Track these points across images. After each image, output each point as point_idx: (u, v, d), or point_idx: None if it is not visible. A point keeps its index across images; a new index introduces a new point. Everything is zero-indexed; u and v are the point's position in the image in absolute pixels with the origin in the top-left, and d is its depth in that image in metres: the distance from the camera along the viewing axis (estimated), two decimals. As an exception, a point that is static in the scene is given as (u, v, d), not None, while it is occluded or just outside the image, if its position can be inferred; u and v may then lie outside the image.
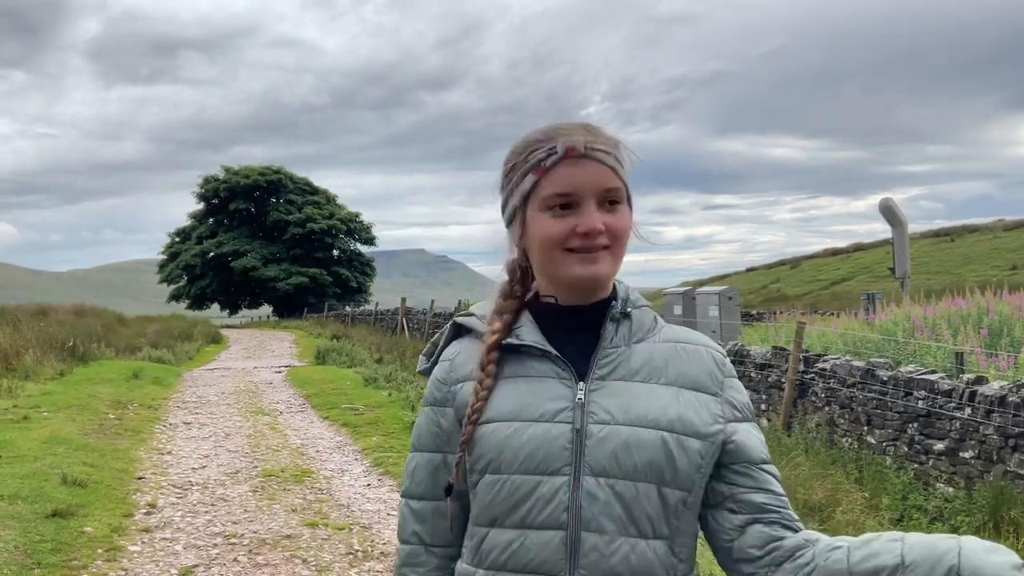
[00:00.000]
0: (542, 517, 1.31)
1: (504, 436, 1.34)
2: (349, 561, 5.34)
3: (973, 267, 35.05)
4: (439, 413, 1.45)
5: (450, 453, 1.43)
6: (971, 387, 7.61)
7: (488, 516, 1.35)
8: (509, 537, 1.33)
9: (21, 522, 5.65)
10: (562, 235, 1.35)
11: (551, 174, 1.36)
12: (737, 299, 17.56)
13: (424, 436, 1.47)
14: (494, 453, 1.34)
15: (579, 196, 1.35)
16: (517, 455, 1.32)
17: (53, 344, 15.71)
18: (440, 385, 1.46)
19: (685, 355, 1.42)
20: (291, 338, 29.90)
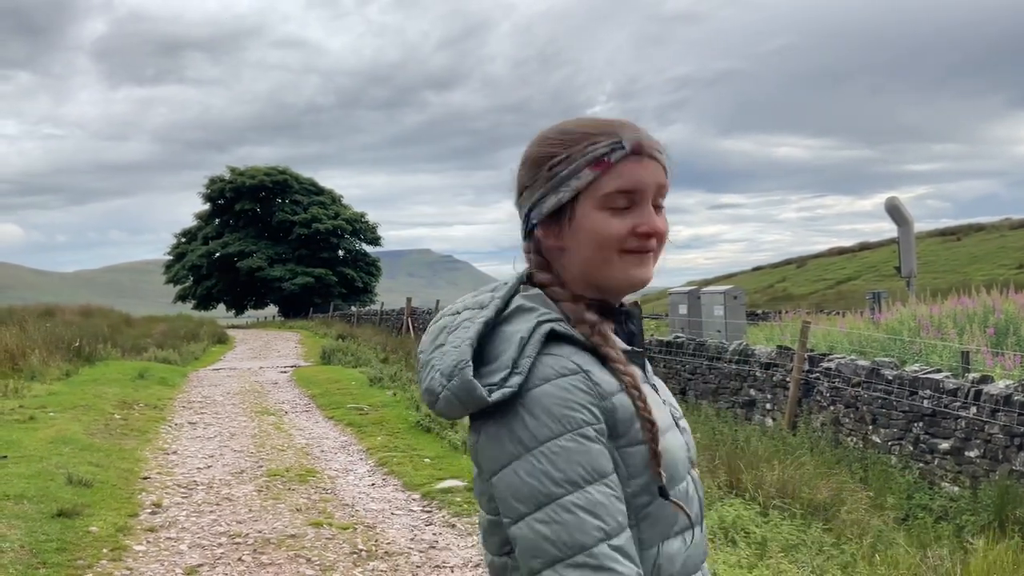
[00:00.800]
0: (693, 516, 1.34)
1: (672, 447, 1.31)
2: (353, 560, 5.35)
3: (979, 266, 34.97)
4: (599, 432, 1.22)
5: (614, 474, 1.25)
6: (977, 386, 7.59)
7: (663, 532, 1.28)
8: (678, 545, 1.31)
9: (27, 522, 5.67)
10: (623, 234, 1.28)
11: (615, 169, 1.28)
12: (742, 298, 17.54)
13: (598, 459, 1.19)
14: (674, 468, 1.30)
15: (641, 195, 1.30)
16: (681, 462, 1.33)
17: (59, 345, 15.75)
18: (593, 400, 1.22)
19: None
20: (296, 338, 29.93)
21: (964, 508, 7.04)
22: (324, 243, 52.25)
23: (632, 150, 1.29)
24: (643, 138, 1.30)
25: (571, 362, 1.24)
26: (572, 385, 1.21)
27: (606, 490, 1.18)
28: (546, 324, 1.26)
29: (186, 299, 53.70)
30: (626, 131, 1.31)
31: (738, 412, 11.10)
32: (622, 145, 1.29)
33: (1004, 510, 6.58)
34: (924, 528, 6.73)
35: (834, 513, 6.46)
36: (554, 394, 1.20)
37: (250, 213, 52.65)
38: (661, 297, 32.84)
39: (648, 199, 1.30)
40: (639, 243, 1.29)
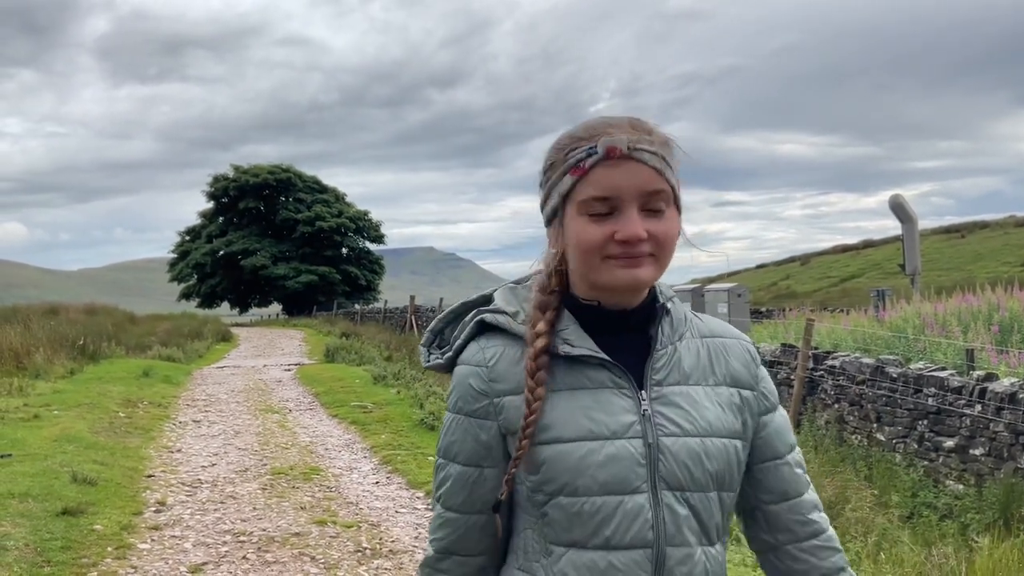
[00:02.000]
0: (629, 537, 1.27)
1: (579, 457, 1.27)
2: (358, 559, 5.35)
3: (984, 263, 34.90)
4: (478, 426, 1.34)
5: (487, 467, 1.35)
6: (981, 384, 7.58)
7: (567, 538, 1.29)
8: (592, 558, 1.27)
9: (31, 520, 5.67)
10: (600, 242, 1.26)
11: (590, 175, 1.27)
12: (746, 296, 17.54)
13: (459, 447, 1.36)
14: (570, 476, 1.27)
15: (620, 200, 1.26)
16: (596, 477, 1.26)
17: (64, 343, 15.77)
18: (479, 396, 1.33)
19: (725, 351, 1.41)
20: (300, 336, 29.96)
21: (969, 506, 7.02)
22: (328, 241, 52.28)
23: (605, 155, 1.25)
24: (619, 141, 1.25)
25: (484, 354, 1.35)
26: (469, 374, 1.35)
27: (450, 467, 1.38)
28: (481, 314, 1.38)
29: (190, 297, 53.76)
30: (610, 134, 1.27)
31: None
32: (596, 150, 1.26)
33: (1009, 508, 6.57)
34: (929, 526, 6.73)
35: (839, 511, 6.45)
36: (459, 375, 1.37)
37: (254, 211, 52.69)
38: (665, 295, 32.79)
39: (630, 203, 1.26)
40: (621, 249, 1.26)
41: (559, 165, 1.30)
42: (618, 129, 1.28)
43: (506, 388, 1.32)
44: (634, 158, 1.26)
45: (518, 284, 1.43)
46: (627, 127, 1.28)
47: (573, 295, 1.36)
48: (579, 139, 1.29)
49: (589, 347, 1.31)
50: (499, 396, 1.32)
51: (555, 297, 1.34)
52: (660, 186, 1.27)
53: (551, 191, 1.32)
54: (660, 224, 1.28)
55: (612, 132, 1.27)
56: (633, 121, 1.30)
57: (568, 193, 1.29)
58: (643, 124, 1.30)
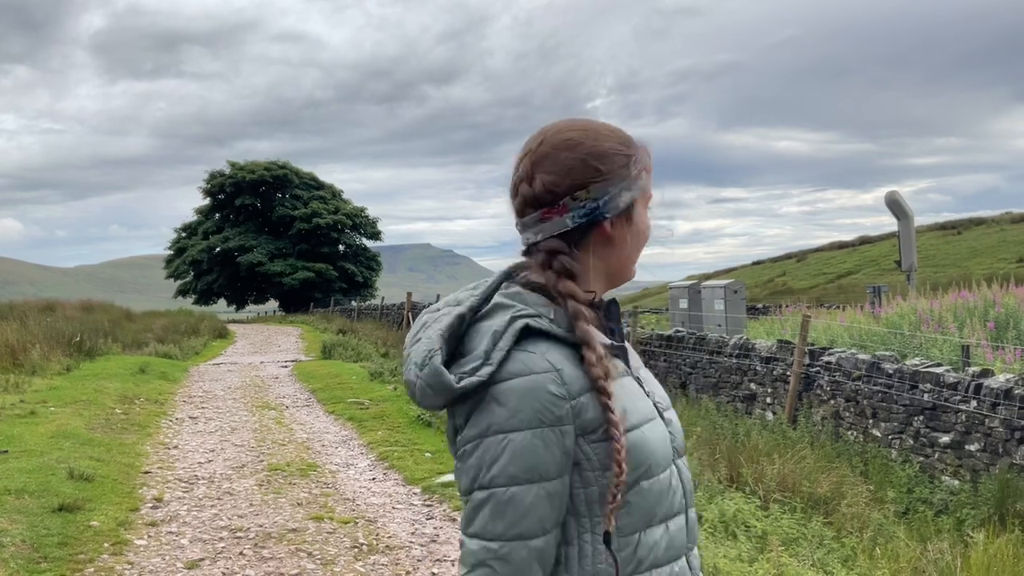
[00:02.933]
0: (676, 505, 1.40)
1: (651, 439, 1.36)
2: (354, 555, 5.36)
3: (980, 260, 34.95)
4: (562, 433, 1.27)
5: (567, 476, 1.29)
6: (977, 380, 7.60)
7: (643, 521, 1.34)
8: (661, 532, 1.36)
9: (28, 516, 5.67)
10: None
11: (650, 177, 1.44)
12: (743, 292, 17.55)
13: (546, 464, 1.26)
14: (650, 458, 1.34)
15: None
16: (661, 453, 1.37)
17: (60, 339, 15.75)
18: (560, 401, 1.26)
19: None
20: (297, 333, 29.94)
21: (964, 502, 7.04)
22: (324, 238, 52.25)
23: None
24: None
25: (545, 360, 1.28)
26: (545, 381, 1.26)
27: (540, 492, 1.26)
28: (521, 319, 1.30)
29: (186, 294, 53.72)
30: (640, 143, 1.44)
31: (738, 406, 11.10)
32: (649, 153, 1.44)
33: (1004, 504, 6.59)
34: (924, 522, 6.74)
35: (834, 507, 6.47)
36: (527, 386, 1.26)
37: (250, 208, 52.65)
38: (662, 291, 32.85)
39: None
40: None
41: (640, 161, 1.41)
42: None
43: (579, 389, 1.29)
44: None
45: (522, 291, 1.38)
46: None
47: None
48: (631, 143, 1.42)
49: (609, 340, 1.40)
50: (575, 397, 1.28)
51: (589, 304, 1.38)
52: None
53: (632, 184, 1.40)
54: None
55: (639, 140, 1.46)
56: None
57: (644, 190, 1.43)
58: None
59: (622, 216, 1.39)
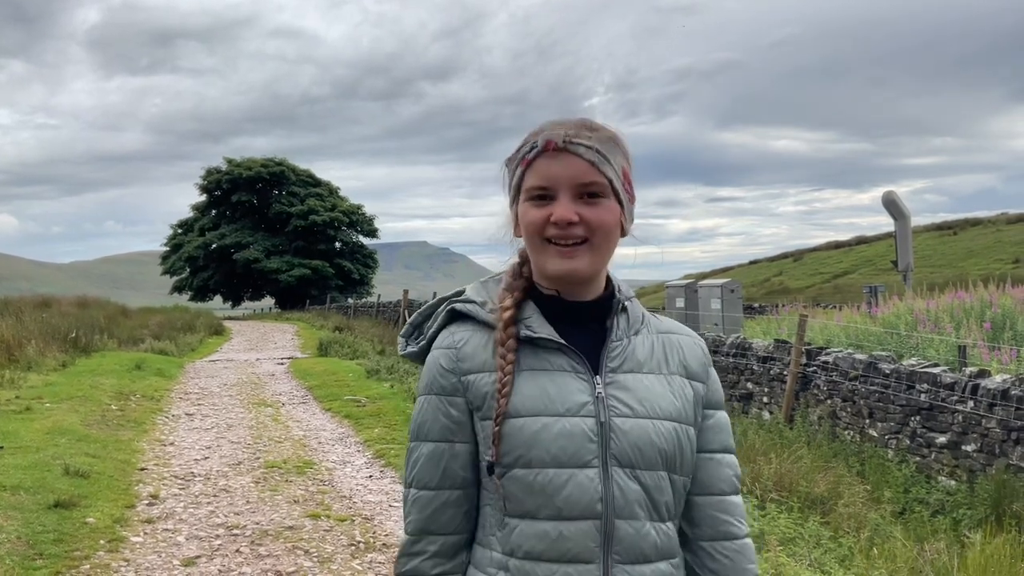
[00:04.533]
0: (579, 508, 1.36)
1: (534, 431, 1.36)
2: (351, 552, 5.35)
3: (976, 260, 35.00)
4: (448, 403, 1.44)
5: (458, 442, 1.44)
6: (973, 380, 7.60)
7: (520, 509, 1.38)
8: (545, 529, 1.36)
9: (23, 513, 5.66)
10: (539, 223, 1.40)
11: (533, 166, 1.42)
12: (739, 292, 17.56)
13: (430, 425, 1.45)
14: (524, 448, 1.36)
15: (555, 188, 1.40)
16: (549, 449, 1.36)
17: (56, 335, 15.72)
18: (448, 374, 1.44)
19: (680, 346, 1.52)
20: (293, 330, 29.91)
21: (961, 502, 7.05)
22: (321, 235, 52.16)
23: (543, 148, 1.40)
24: (556, 135, 1.40)
25: (451, 338, 1.46)
26: (439, 356, 1.46)
27: (422, 447, 1.46)
28: (451, 303, 1.50)
29: (182, 290, 53.61)
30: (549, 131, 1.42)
31: (735, 405, 11.10)
32: (536, 143, 1.41)
33: (1001, 504, 6.59)
34: (921, 522, 6.75)
35: (831, 506, 6.47)
36: (429, 359, 1.47)
37: (247, 204, 52.54)
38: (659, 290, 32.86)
39: (565, 192, 1.40)
40: (558, 232, 1.39)
41: (515, 159, 1.45)
42: (563, 127, 1.42)
43: (472, 367, 1.43)
44: (569, 151, 1.40)
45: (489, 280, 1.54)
46: (573, 125, 1.42)
47: (537, 286, 1.47)
48: (533, 134, 1.44)
49: (548, 333, 1.42)
50: (466, 374, 1.43)
51: (523, 282, 1.47)
52: (593, 178, 1.40)
53: (509, 184, 1.48)
54: (594, 212, 1.40)
55: (557, 129, 1.41)
56: (582, 120, 1.44)
57: (519, 183, 1.44)
58: (590, 123, 1.44)
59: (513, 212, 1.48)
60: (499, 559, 1.40)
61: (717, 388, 1.54)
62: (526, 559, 1.37)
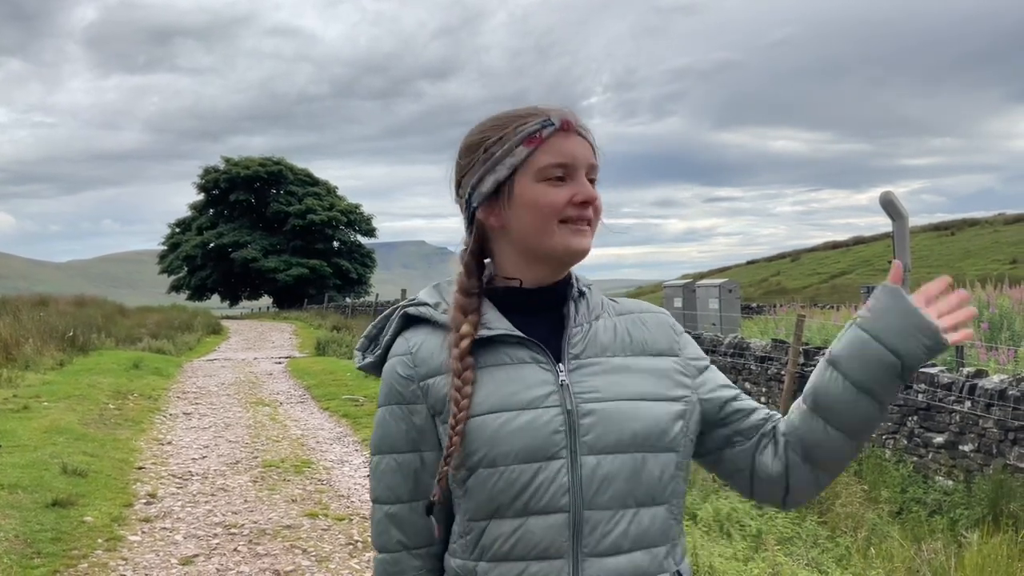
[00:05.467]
0: (544, 502, 1.30)
1: (495, 428, 1.31)
2: (349, 551, 5.35)
3: (973, 261, 35.04)
4: (409, 411, 1.39)
5: (426, 451, 1.39)
6: (971, 380, 7.61)
7: (487, 509, 1.33)
8: (511, 526, 1.31)
9: (21, 511, 5.65)
10: (561, 203, 1.35)
11: (547, 144, 1.36)
12: (737, 292, 17.56)
13: (394, 436, 1.40)
14: (487, 447, 1.31)
15: (574, 167, 1.36)
16: (512, 445, 1.30)
17: (53, 334, 15.71)
18: (406, 382, 1.39)
19: (643, 324, 1.46)
20: (291, 329, 29.91)
21: (958, 502, 7.05)
22: (319, 234, 52.15)
23: (561, 126, 1.36)
24: (570, 115, 1.38)
25: (405, 344, 1.41)
26: (395, 364, 1.41)
27: (388, 459, 1.41)
28: (403, 309, 1.45)
29: (180, 289, 53.59)
30: (551, 111, 1.38)
31: (733, 405, 11.11)
32: (551, 122, 1.36)
33: (998, 504, 6.60)
34: (918, 522, 6.75)
35: (829, 506, 6.47)
36: (386, 370, 1.42)
37: (245, 204, 52.52)
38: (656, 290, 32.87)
39: (581, 171, 1.37)
40: (577, 212, 1.36)
41: (509, 138, 1.36)
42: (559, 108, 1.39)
43: (429, 371, 1.38)
44: (579, 133, 1.38)
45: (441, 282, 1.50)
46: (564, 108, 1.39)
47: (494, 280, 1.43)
48: (521, 117, 1.38)
49: (505, 327, 1.37)
50: (423, 379, 1.38)
51: (475, 299, 1.40)
52: (597, 161, 1.40)
53: (496, 164, 1.37)
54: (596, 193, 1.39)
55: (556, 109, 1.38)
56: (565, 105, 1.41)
57: (521, 164, 1.36)
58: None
59: (496, 198, 1.39)
60: (463, 565, 1.36)
61: (696, 353, 1.47)
62: (493, 560, 1.32)
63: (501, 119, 1.39)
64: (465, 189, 1.42)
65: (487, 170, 1.38)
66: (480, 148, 1.39)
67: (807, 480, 1.43)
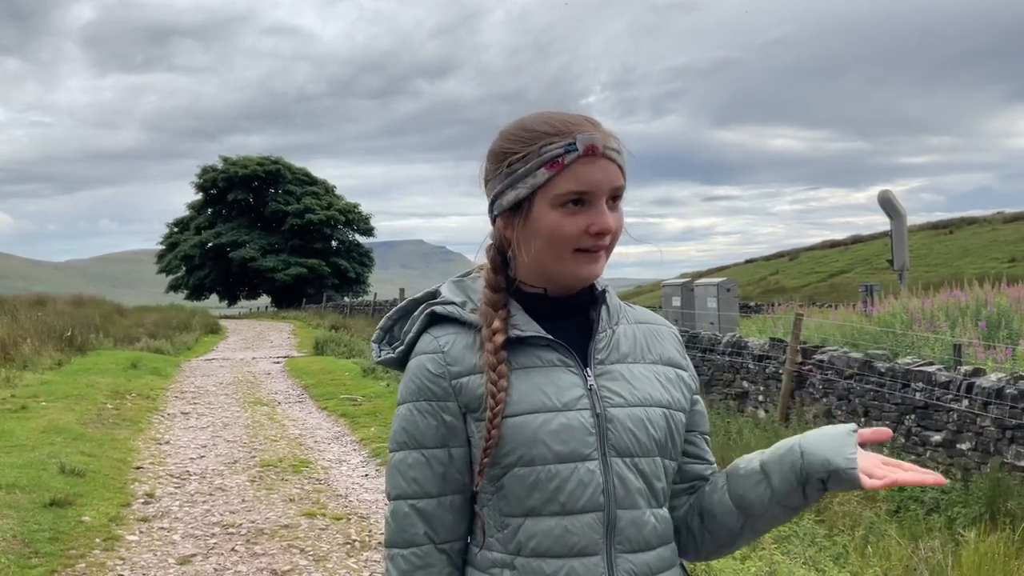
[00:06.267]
0: (582, 502, 1.35)
1: (534, 428, 1.34)
2: (347, 551, 5.35)
3: (971, 259, 35.05)
4: (440, 408, 1.39)
5: (454, 447, 1.40)
6: (969, 379, 7.62)
7: (523, 507, 1.36)
8: (550, 524, 1.35)
9: (19, 511, 5.65)
10: (576, 234, 1.35)
11: (569, 171, 1.34)
12: (735, 291, 17.57)
13: (423, 432, 1.40)
14: (525, 447, 1.34)
15: (593, 195, 1.35)
16: (551, 446, 1.34)
17: (51, 334, 15.70)
18: (438, 379, 1.39)
19: (658, 335, 1.52)
20: (289, 329, 29.90)
21: (955, 500, 7.06)
22: (317, 234, 52.12)
23: (585, 152, 1.34)
24: (597, 140, 1.34)
25: (435, 342, 1.41)
26: (425, 361, 1.40)
27: (415, 455, 1.40)
28: (430, 307, 1.44)
29: (178, 289, 53.55)
30: (582, 131, 1.35)
31: (731, 404, 11.12)
32: (575, 147, 1.34)
33: (995, 502, 6.61)
34: (916, 520, 6.76)
35: (826, 504, 6.48)
36: (414, 365, 1.41)
37: (243, 203, 52.49)
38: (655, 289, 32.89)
39: (602, 198, 1.36)
40: (592, 242, 1.36)
41: (532, 158, 1.35)
42: (583, 127, 1.36)
43: (462, 370, 1.39)
44: (607, 156, 1.35)
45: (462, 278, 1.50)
46: (589, 124, 1.37)
47: (518, 284, 1.43)
48: (549, 135, 1.36)
49: (535, 330, 1.40)
50: (456, 377, 1.38)
51: (503, 295, 1.42)
52: (623, 182, 1.38)
53: (517, 182, 1.37)
54: (617, 218, 1.38)
55: (582, 130, 1.35)
56: (589, 118, 1.39)
57: (541, 186, 1.35)
58: (598, 122, 1.39)
59: (514, 214, 1.39)
60: (502, 558, 1.38)
61: (694, 375, 1.55)
62: (532, 556, 1.35)
63: (529, 132, 1.38)
64: (489, 194, 1.43)
65: (508, 185, 1.38)
66: (504, 161, 1.39)
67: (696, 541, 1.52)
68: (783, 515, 1.44)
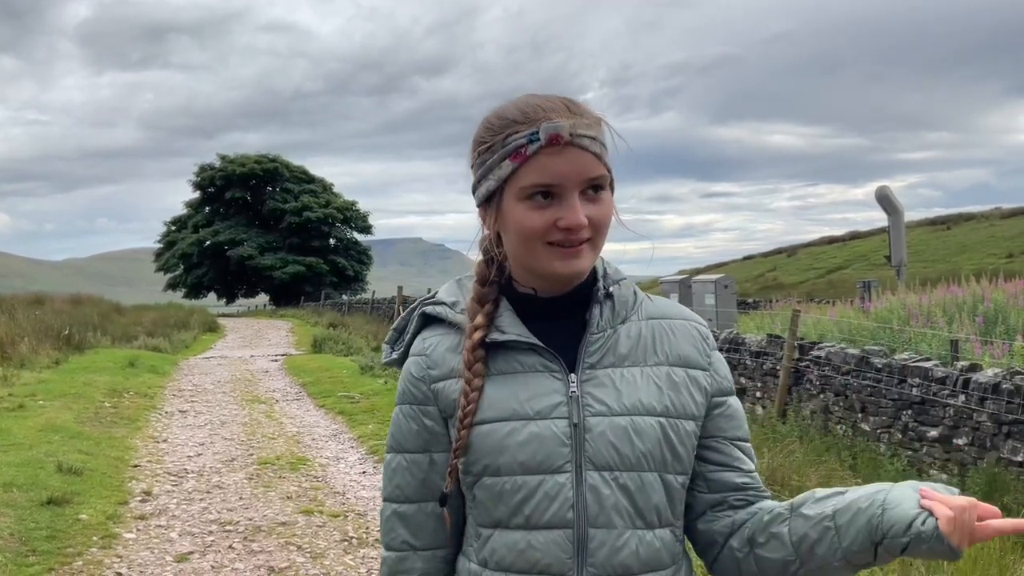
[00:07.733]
0: (547, 516, 1.26)
1: (501, 437, 1.27)
2: (344, 548, 5.36)
3: (969, 255, 35.09)
4: (421, 412, 1.35)
5: (436, 452, 1.35)
6: (965, 374, 7.63)
7: (491, 518, 1.30)
8: (515, 539, 1.28)
9: (16, 509, 5.65)
10: (542, 228, 1.25)
11: (531, 162, 1.24)
12: (733, 287, 17.59)
13: (405, 436, 1.37)
14: (492, 456, 1.27)
15: (562, 187, 1.24)
16: (516, 456, 1.26)
17: (49, 333, 15.69)
18: (418, 383, 1.35)
19: (671, 331, 1.37)
20: (288, 327, 29.90)
21: (952, 495, 7.09)
22: (315, 232, 52.12)
23: (548, 141, 1.23)
24: (562, 128, 1.23)
25: (423, 344, 1.38)
26: (410, 364, 1.38)
27: (399, 458, 1.37)
28: (422, 307, 1.41)
29: (176, 287, 53.56)
30: (550, 118, 1.24)
31: (728, 400, 11.13)
32: (537, 136, 1.23)
33: (992, 497, 6.62)
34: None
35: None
36: (403, 369, 1.39)
37: (240, 201, 52.48)
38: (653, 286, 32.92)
39: (572, 190, 1.24)
40: (563, 236, 1.25)
41: (497, 148, 1.27)
42: (555, 112, 1.25)
43: (440, 374, 1.34)
44: (575, 144, 1.23)
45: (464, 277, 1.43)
46: (564, 110, 1.26)
47: (511, 283, 1.35)
48: (516, 123, 1.26)
49: (518, 332, 1.31)
50: (435, 381, 1.34)
51: (493, 289, 1.35)
52: (599, 171, 1.26)
53: (487, 173, 1.29)
54: (598, 208, 1.27)
55: (551, 116, 1.24)
56: (567, 102, 1.28)
57: (507, 178, 1.26)
58: (578, 106, 1.28)
59: (488, 207, 1.32)
60: (476, 569, 1.32)
61: (724, 373, 1.39)
62: (497, 570, 1.29)
63: (500, 120, 1.29)
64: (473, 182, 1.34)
65: (480, 176, 1.30)
66: (476, 149, 1.31)
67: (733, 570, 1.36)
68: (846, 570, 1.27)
